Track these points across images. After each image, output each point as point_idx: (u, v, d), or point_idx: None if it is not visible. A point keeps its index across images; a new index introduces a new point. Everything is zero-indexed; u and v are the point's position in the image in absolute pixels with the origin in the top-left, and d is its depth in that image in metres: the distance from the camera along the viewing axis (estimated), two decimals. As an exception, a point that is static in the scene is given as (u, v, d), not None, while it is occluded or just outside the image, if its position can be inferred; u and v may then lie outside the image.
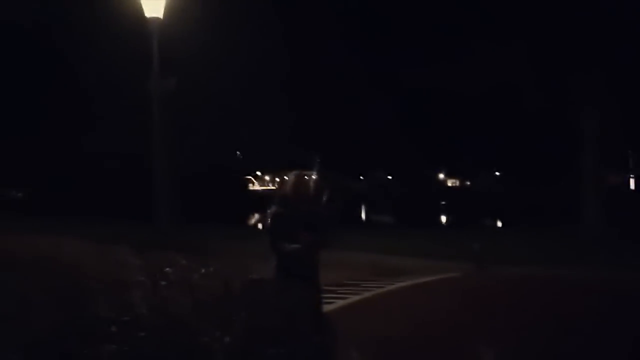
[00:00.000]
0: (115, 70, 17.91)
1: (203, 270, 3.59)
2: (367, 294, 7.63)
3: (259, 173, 79.85)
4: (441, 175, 74.58)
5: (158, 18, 6.44)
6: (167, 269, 3.82)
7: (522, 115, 18.38)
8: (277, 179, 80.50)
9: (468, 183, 70.27)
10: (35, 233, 8.97)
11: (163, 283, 3.40)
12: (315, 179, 4.76)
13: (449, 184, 75.03)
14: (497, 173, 61.83)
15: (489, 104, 18.40)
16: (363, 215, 44.32)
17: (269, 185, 79.55)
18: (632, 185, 49.46)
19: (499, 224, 32.22)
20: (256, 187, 78.46)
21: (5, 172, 33.07)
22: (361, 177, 68.93)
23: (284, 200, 4.40)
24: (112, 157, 22.84)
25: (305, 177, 4.72)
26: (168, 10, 6.51)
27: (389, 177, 69.55)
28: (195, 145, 20.59)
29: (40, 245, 6.05)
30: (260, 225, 35.88)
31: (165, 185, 6.70)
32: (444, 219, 40.55)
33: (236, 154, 55.38)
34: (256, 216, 41.03)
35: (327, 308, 4.76)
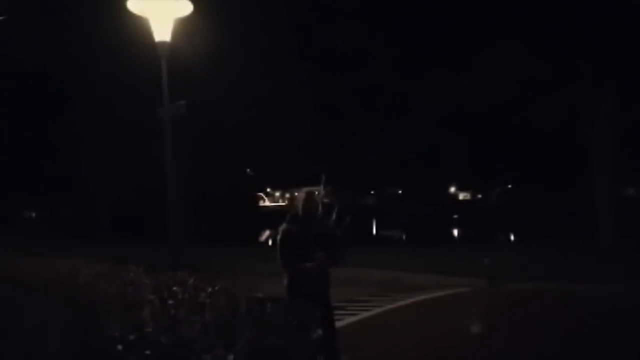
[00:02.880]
0: (124, 95, 18.28)
1: (210, 289, 3.64)
2: (376, 310, 7.61)
3: (269, 190, 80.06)
4: (452, 189, 74.20)
5: (166, 42, 6.58)
6: (175, 288, 3.88)
7: (532, 129, 18.28)
8: (288, 196, 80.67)
9: (480, 196, 69.77)
10: (49, 255, 9.12)
11: (170, 302, 3.46)
12: (325, 196, 4.81)
13: (461, 197, 74.54)
14: (509, 186, 61.31)
15: (499, 117, 18.35)
16: (373, 231, 44.16)
17: (279, 202, 79.72)
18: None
19: (512, 237, 31.90)
20: (267, 203, 78.61)
21: (21, 195, 33.75)
22: (372, 192, 68.85)
23: (295, 218, 4.46)
24: (125, 178, 23.16)
25: (315, 194, 4.78)
26: (176, 34, 6.68)
27: (400, 192, 69.38)
28: (204, 165, 20.77)
29: (57, 266, 6.17)
30: (270, 242, 35.95)
31: (178, 207, 6.80)
32: (455, 233, 40.28)
33: (246, 171, 55.69)
34: (267, 233, 41.11)
35: (336, 325, 4.77)
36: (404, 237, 36.98)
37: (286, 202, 78.14)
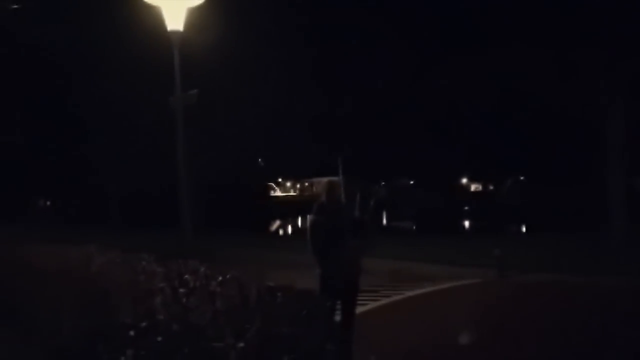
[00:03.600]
0: (137, 83, 18.37)
1: (221, 278, 3.69)
2: (385, 301, 7.64)
3: (280, 180, 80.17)
4: (464, 180, 73.72)
5: (179, 31, 6.59)
6: (187, 276, 3.93)
7: (546, 119, 18.08)
8: (299, 186, 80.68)
9: (491, 188, 69.23)
10: (68, 242, 9.27)
11: (182, 290, 3.51)
12: (346, 185, 4.83)
13: (472, 188, 74.06)
14: (522, 178, 60.75)
15: (511, 106, 18.15)
16: (384, 222, 44.10)
17: (290, 192, 79.86)
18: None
19: (524, 229, 31.70)
20: (278, 193, 78.80)
21: (36, 183, 34.25)
22: (383, 183, 68.63)
23: (322, 208, 4.49)
24: (134, 169, 23.37)
25: (338, 182, 4.80)
26: (189, 23, 6.69)
27: (411, 182, 69.11)
28: (216, 154, 20.88)
29: (71, 254, 6.27)
30: (280, 232, 36.15)
31: (188, 196, 6.84)
32: (467, 224, 40.12)
33: (258, 161, 55.84)
34: (277, 223, 41.32)
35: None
36: (414, 228, 36.93)
37: (297, 192, 78.29)
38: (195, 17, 7.05)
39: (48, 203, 46.77)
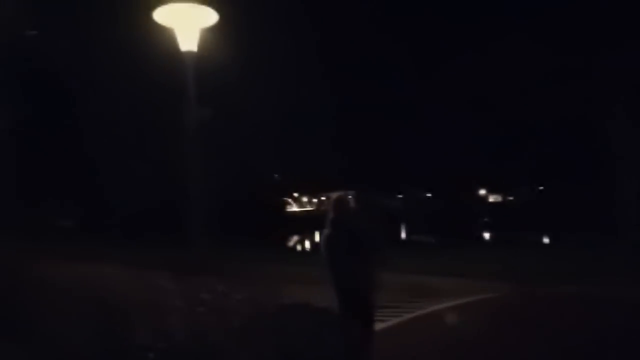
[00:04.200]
0: (151, 101, 18.68)
1: (237, 296, 3.67)
2: (403, 317, 7.51)
3: (296, 194, 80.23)
4: (482, 192, 72.86)
5: (193, 51, 6.67)
6: (203, 294, 3.92)
7: (558, 125, 17.92)
8: (315, 200, 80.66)
9: (511, 198, 68.30)
10: (85, 260, 9.34)
11: (199, 309, 3.50)
12: (356, 199, 4.79)
13: (491, 199, 73.11)
14: (540, 187, 59.88)
15: (522, 110, 18.03)
16: (402, 235, 43.74)
17: (306, 207, 79.76)
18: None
19: (545, 239, 31.13)
20: (294, 208, 78.77)
21: (56, 201, 34.83)
22: (399, 195, 68.25)
23: (334, 223, 4.45)
24: (154, 185, 23.68)
25: (347, 197, 4.77)
26: (202, 43, 6.77)
27: (428, 195, 68.54)
28: (232, 168, 21.04)
29: (88, 273, 6.31)
30: (298, 247, 36.01)
31: (202, 212, 6.86)
32: (486, 236, 39.56)
33: (274, 176, 56.01)
34: (295, 238, 41.20)
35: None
36: (433, 241, 36.54)
37: (313, 207, 78.19)
38: (209, 36, 7.13)
39: (67, 222, 47.36)
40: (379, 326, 6.75)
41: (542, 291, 9.56)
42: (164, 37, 6.99)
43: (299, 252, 31.90)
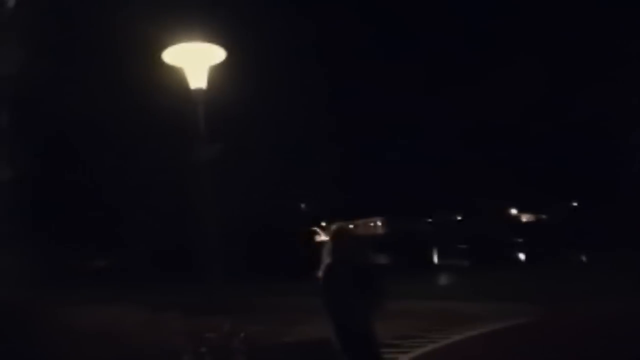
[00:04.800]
0: (161, 139, 19.09)
1: (241, 334, 3.58)
2: (431, 347, 7.21)
3: (324, 224, 79.92)
4: (514, 211, 70.99)
5: (202, 89, 6.77)
6: (208, 334, 3.85)
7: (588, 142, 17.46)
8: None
9: (544, 217, 66.26)
10: (108, 301, 9.43)
11: (202, 350, 3.44)
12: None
13: (524, 219, 71.07)
14: (575, 204, 58.04)
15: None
16: (434, 259, 42.90)
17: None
18: None
19: (583, 258, 29.98)
20: (322, 238, 78.38)
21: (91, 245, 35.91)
22: (429, 220, 67.13)
23: (335, 254, 4.29)
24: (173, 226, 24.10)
25: (347, 228, 4.64)
26: (211, 80, 6.88)
27: (459, 218, 67.18)
28: (253, 201, 21.17)
29: (101, 316, 6.33)
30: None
31: (214, 250, 6.81)
32: (521, 256, 38.43)
33: (300, 205, 56.17)
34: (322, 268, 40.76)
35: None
36: (466, 264, 35.71)
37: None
38: (217, 73, 7.24)
39: (101, 263, 48.58)
40: (402, 359, 6.50)
41: (578, 313, 9.07)
42: (174, 76, 7.14)
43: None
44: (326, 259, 4.25)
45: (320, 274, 4.24)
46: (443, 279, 21.01)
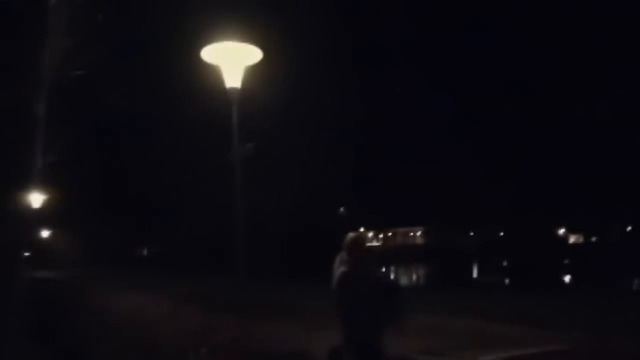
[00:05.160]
0: (199, 137, 19.45)
1: (245, 341, 3.57)
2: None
3: (362, 229, 79.41)
4: (562, 231, 68.04)
5: (237, 88, 6.84)
6: (216, 336, 3.88)
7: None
8: (382, 236, 79.24)
9: (594, 239, 63.11)
10: (135, 289, 9.71)
11: (202, 350, 3.46)
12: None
13: (572, 240, 67.99)
14: (629, 228, 55.04)
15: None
16: (474, 275, 41.77)
17: (373, 242, 78.55)
18: None
19: (635, 284, 28.38)
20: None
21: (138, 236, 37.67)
22: (472, 233, 65.36)
23: (351, 266, 4.20)
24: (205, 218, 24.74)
25: (364, 239, 4.53)
26: (247, 80, 6.94)
27: (502, 234, 65.09)
28: (292, 204, 21.31)
29: (131, 303, 6.52)
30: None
31: (244, 248, 6.84)
32: (567, 279, 36.84)
33: (340, 210, 56.09)
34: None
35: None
36: (507, 282, 34.60)
37: (380, 242, 76.86)
38: (254, 73, 7.29)
39: (145, 252, 50.91)
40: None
41: (619, 347, 8.49)
42: (213, 75, 7.24)
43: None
44: (340, 268, 4.16)
45: (334, 283, 4.16)
46: (480, 297, 20.37)
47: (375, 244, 76.68)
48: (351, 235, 4.30)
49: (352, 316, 3.91)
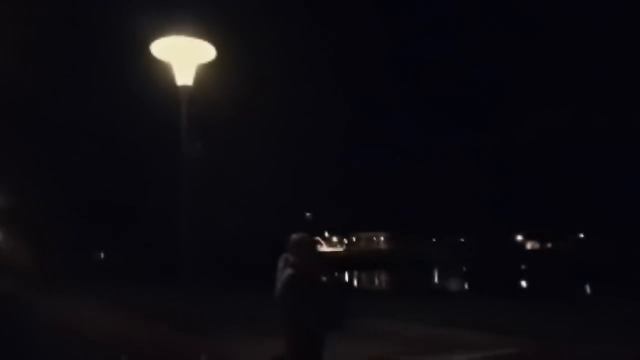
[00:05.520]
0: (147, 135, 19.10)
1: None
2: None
3: (327, 234, 79.42)
4: (519, 237, 69.99)
5: (189, 86, 6.60)
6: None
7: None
8: (346, 240, 79.38)
9: (549, 245, 65.19)
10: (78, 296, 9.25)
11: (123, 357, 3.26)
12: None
13: (529, 246, 70.03)
14: (581, 235, 57.14)
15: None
16: (435, 281, 42.33)
17: (336, 247, 78.62)
18: None
19: (588, 289, 29.36)
20: (324, 248, 77.85)
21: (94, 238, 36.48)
22: (434, 240, 66.34)
23: (297, 268, 4.06)
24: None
25: (310, 240, 4.39)
26: (198, 78, 6.70)
27: (461, 240, 66.37)
28: (259, 207, 21.06)
29: (68, 309, 6.19)
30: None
31: (190, 253, 6.58)
32: (523, 285, 37.82)
33: (306, 215, 55.97)
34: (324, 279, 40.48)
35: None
36: (466, 287, 35.24)
37: (343, 247, 76.98)
38: (208, 71, 7.06)
39: (102, 255, 49.14)
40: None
41: (568, 350, 8.67)
42: (164, 71, 6.97)
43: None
44: (286, 269, 4.01)
45: (278, 284, 4.00)
46: (439, 302, 20.55)
47: (338, 248, 76.84)
48: (295, 235, 4.14)
49: (297, 312, 3.79)
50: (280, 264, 4.02)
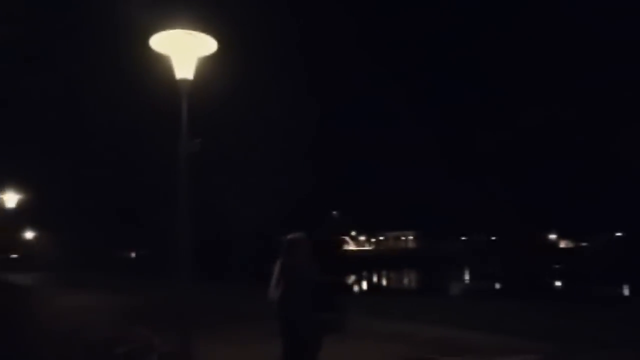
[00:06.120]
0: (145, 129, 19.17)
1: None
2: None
3: (354, 233, 78.88)
4: (552, 236, 67.85)
5: (188, 79, 6.44)
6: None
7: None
8: (374, 240, 78.56)
9: (584, 244, 62.97)
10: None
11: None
12: (308, 241, 4.34)
13: (562, 245, 67.82)
14: (619, 234, 54.96)
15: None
16: (465, 280, 41.57)
17: (364, 246, 77.94)
18: None
19: (625, 291, 28.21)
20: (351, 247, 77.39)
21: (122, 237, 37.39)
22: (463, 238, 65.00)
23: (287, 267, 4.00)
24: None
25: (304, 240, 4.30)
26: (199, 72, 6.53)
27: (493, 238, 64.80)
28: (284, 204, 20.96)
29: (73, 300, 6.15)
30: (355, 288, 35.06)
31: (189, 250, 6.43)
32: (557, 284, 36.68)
33: (332, 213, 55.90)
34: (352, 278, 40.35)
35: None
36: (497, 287, 34.43)
37: (371, 246, 76.30)
38: (208, 64, 6.89)
39: (133, 255, 50.31)
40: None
41: (592, 357, 8.14)
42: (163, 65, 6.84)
43: (358, 292, 30.94)
44: (282, 273, 3.96)
45: (273, 289, 3.92)
46: (466, 303, 20.00)
47: (366, 247, 76.21)
48: (290, 236, 4.10)
49: (292, 315, 3.68)
50: (276, 268, 4.00)
